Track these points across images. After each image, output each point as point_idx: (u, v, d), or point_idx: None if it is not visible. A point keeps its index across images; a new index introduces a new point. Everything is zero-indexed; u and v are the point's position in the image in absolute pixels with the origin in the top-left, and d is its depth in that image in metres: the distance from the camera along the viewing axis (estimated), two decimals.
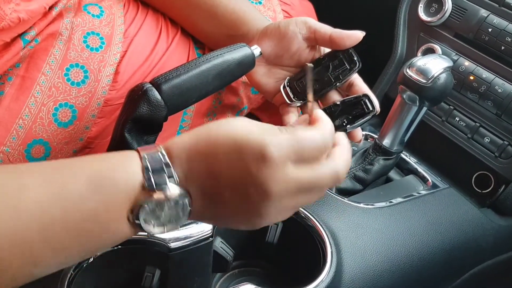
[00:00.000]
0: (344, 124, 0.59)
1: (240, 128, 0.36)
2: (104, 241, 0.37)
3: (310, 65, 0.44)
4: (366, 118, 0.58)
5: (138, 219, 0.36)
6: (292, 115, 0.62)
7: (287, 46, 0.60)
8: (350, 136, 0.61)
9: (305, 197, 0.38)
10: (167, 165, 0.37)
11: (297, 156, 0.36)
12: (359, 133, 0.61)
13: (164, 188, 0.36)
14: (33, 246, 0.33)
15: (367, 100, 0.57)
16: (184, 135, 0.39)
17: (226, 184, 0.36)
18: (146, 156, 0.37)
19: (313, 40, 0.60)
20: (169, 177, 0.36)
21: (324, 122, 0.39)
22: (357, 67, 0.58)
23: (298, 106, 0.63)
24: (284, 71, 0.63)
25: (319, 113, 0.40)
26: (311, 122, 0.40)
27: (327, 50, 0.62)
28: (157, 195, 0.36)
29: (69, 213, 0.34)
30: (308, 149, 0.37)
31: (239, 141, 0.36)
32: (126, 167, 0.36)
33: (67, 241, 0.35)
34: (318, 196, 0.40)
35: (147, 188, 0.36)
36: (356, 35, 0.58)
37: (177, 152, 0.37)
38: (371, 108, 0.57)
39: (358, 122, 0.58)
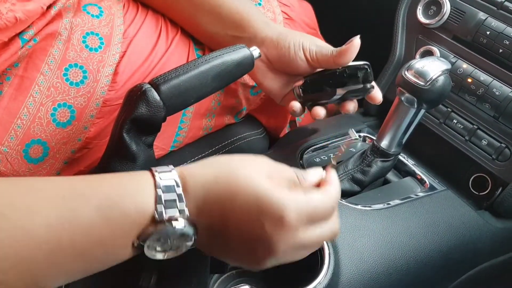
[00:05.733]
0: (334, 95, 0.61)
1: (262, 184, 0.38)
2: (107, 264, 0.38)
3: (334, 163, 0.50)
4: (359, 90, 0.60)
5: (143, 245, 0.37)
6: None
7: (287, 64, 0.63)
8: (342, 107, 0.63)
9: (305, 251, 0.41)
10: (180, 198, 0.37)
11: (309, 219, 0.39)
12: (351, 105, 0.63)
13: (174, 222, 0.37)
14: (38, 269, 0.33)
15: (365, 71, 0.59)
16: (201, 167, 0.40)
17: (235, 232, 0.38)
18: (160, 186, 0.37)
19: (316, 63, 0.61)
20: (180, 211, 0.37)
21: (334, 185, 0.42)
22: (370, 86, 0.60)
23: (306, 106, 0.65)
24: (290, 75, 0.65)
25: (332, 177, 0.43)
26: (323, 183, 0.42)
27: None
28: (166, 227, 0.37)
29: (77, 239, 0.34)
30: (320, 213, 0.40)
31: (260, 201, 0.37)
32: (138, 196, 0.37)
33: (72, 265, 0.35)
34: (316, 248, 0.43)
35: (157, 219, 0.37)
36: (354, 44, 0.59)
37: (193, 187, 0.38)
38: (368, 80, 0.59)
39: (351, 93, 0.60)
